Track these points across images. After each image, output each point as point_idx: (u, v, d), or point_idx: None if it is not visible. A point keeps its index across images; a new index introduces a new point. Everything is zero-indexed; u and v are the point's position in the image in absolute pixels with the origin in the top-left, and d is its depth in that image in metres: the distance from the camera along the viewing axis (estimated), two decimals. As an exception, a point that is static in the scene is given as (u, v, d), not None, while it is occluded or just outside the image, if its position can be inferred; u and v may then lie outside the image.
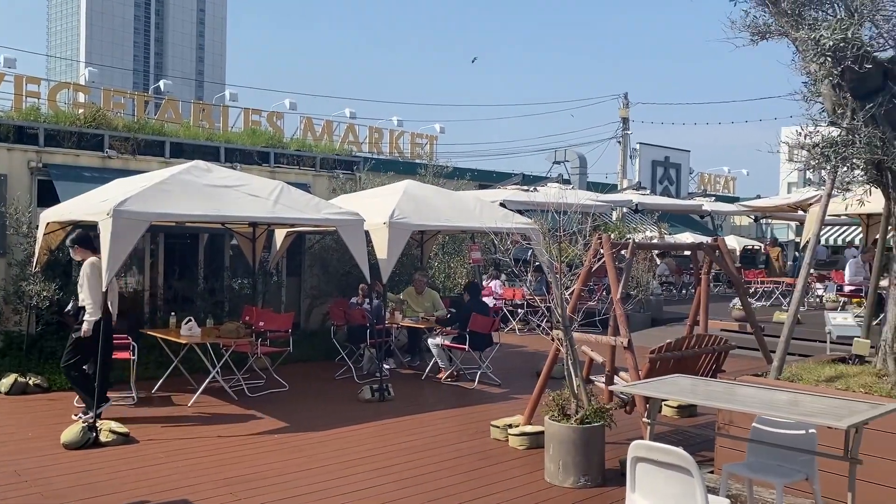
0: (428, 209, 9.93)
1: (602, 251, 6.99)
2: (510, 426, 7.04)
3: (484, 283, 15.91)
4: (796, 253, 23.85)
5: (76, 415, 7.56)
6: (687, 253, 14.82)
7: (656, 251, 19.79)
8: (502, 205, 14.25)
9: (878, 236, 6.95)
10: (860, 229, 18.03)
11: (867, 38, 5.23)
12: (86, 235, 7.64)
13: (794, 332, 6.87)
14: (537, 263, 9.96)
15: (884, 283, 6.69)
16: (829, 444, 4.49)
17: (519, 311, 15.13)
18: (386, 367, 10.14)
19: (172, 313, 9.40)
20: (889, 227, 6.11)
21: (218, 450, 6.71)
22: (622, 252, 7.33)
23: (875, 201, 6.46)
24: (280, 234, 11.50)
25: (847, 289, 14.03)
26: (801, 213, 16.69)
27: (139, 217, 7.24)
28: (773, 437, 4.65)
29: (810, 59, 5.04)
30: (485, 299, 14.48)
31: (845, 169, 5.39)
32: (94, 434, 6.76)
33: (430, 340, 10.21)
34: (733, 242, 24.17)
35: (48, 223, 9.02)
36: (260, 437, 7.15)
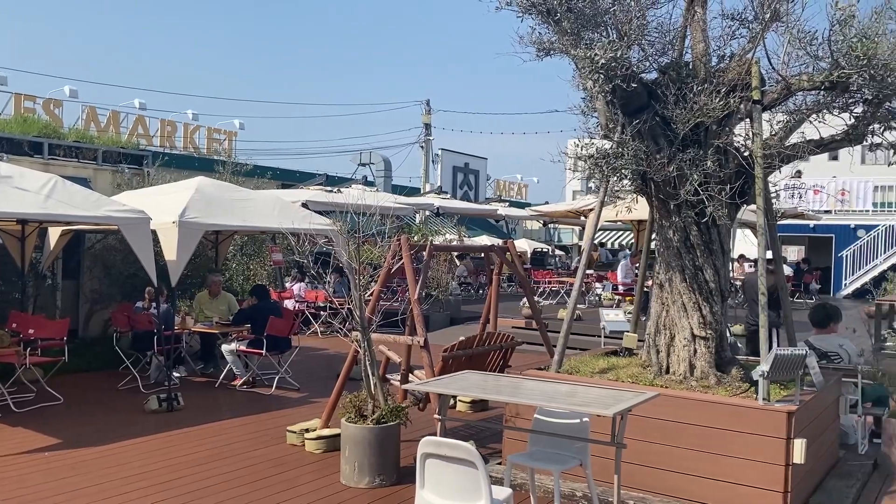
0: (223, 208, 9.52)
1: (401, 253, 7.10)
2: (307, 430, 6.93)
3: (287, 285, 15.57)
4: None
5: None
6: (482, 254, 15.50)
7: (455, 253, 20.51)
8: (304, 205, 14.02)
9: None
10: (633, 234, 19.88)
11: (636, 59, 5.76)
12: None
13: (575, 328, 7.43)
14: (339, 265, 9.91)
15: (650, 282, 7.43)
16: (602, 431, 4.89)
17: (322, 313, 14.97)
18: (176, 374, 9.61)
19: (-82, 322, 8.24)
20: (652, 233, 6.77)
21: (-28, 474, 5.96)
22: (422, 253, 7.49)
23: (642, 209, 7.16)
24: (54, 233, 10.47)
25: (621, 288, 15.43)
26: (583, 218, 18.11)
27: None
28: (553, 426, 4.97)
29: (587, 76, 5.44)
30: (286, 302, 14.20)
31: (615, 179, 5.90)
32: None
33: (224, 346, 9.80)
34: (525, 245, 25.67)
35: None
36: (26, 456, 6.45)
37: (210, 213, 9.18)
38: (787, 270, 18.35)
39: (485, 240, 22.09)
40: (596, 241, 31.10)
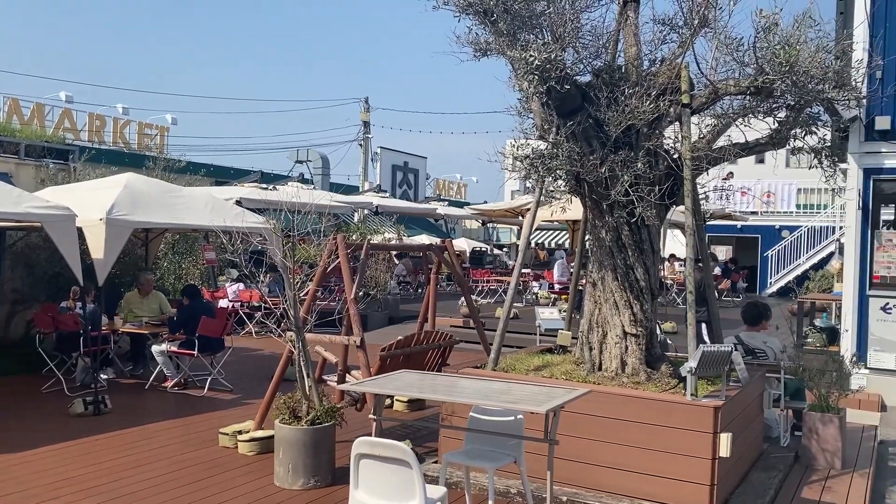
0: (153, 205, 9.26)
1: (338, 251, 7.04)
2: (240, 432, 6.80)
3: (227, 286, 15.25)
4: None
5: None
6: (421, 253, 15.49)
7: (394, 252, 20.45)
8: (238, 203, 13.78)
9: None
10: (569, 234, 20.20)
11: (570, 62, 5.84)
12: None
13: (512, 326, 7.49)
14: (273, 263, 9.74)
15: (584, 281, 7.56)
16: (536, 428, 4.94)
17: (256, 313, 14.70)
18: (103, 377, 9.29)
19: None
20: (586, 233, 6.89)
21: None
22: (359, 252, 7.43)
23: (576, 209, 7.27)
24: (-28, 230, 10.01)
25: (557, 286, 15.66)
26: (520, 217, 18.30)
27: None
28: (488, 424, 5.00)
29: (522, 77, 5.49)
30: (220, 301, 13.90)
31: (550, 179, 5.97)
32: None
33: (154, 347, 9.52)
34: (464, 244, 25.80)
35: None
36: (-61, 466, 6.15)
37: (139, 211, 8.92)
38: (717, 270, 18.94)
39: (424, 239, 22.13)
40: (536, 241, 31.52)
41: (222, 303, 13.97)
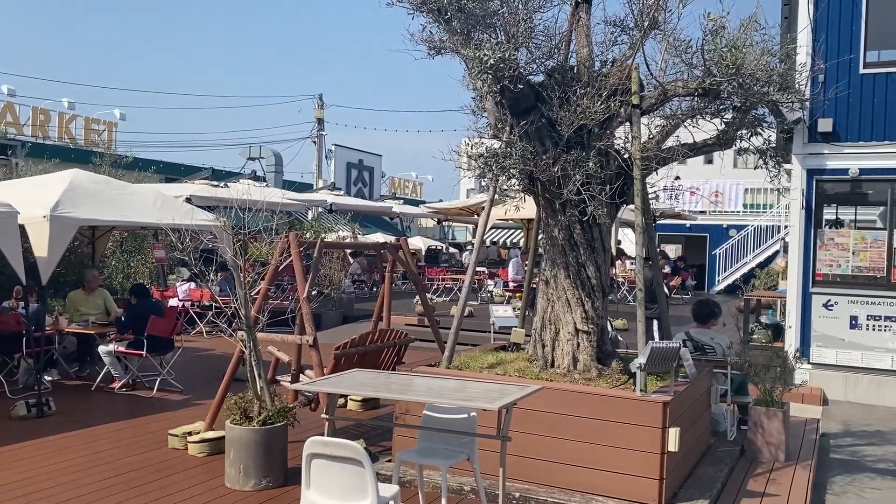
0: (99, 202, 9.04)
1: (290, 249, 6.96)
2: (190, 433, 6.69)
3: (177, 285, 14.96)
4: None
5: None
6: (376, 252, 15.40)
7: (349, 250, 20.32)
8: (188, 200, 13.54)
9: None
10: (523, 232, 20.34)
11: (523, 61, 5.88)
12: None
13: (466, 324, 7.53)
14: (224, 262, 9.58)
15: (537, 279, 7.62)
16: (490, 425, 4.96)
17: (207, 312, 14.45)
18: (48, 378, 9.04)
19: None
20: (539, 231, 6.95)
21: None
22: (312, 250, 7.36)
23: (530, 207, 7.33)
24: None
25: (511, 285, 15.77)
26: (476, 216, 18.39)
27: None
28: (441, 422, 5.01)
29: (476, 76, 5.51)
30: (171, 301, 13.63)
31: (504, 178, 6.01)
32: None
33: (101, 347, 9.29)
34: (419, 243, 25.79)
35: None
36: None
37: (85, 208, 8.71)
38: (667, 268, 19.29)
39: (379, 237, 22.03)
40: (492, 240, 31.68)
41: (172, 302, 13.70)
